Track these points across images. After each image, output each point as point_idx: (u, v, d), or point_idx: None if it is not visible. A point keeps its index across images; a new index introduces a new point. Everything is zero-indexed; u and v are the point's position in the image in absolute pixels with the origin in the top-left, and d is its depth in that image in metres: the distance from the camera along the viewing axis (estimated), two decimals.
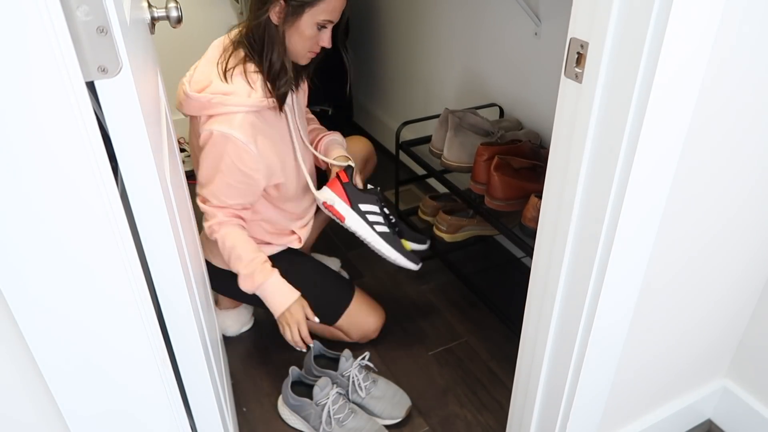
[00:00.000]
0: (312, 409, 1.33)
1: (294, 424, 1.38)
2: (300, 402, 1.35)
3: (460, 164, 1.52)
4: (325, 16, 1.23)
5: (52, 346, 0.56)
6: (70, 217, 0.51)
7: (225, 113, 1.22)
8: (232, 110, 1.21)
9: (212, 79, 1.24)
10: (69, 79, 0.46)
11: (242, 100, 1.22)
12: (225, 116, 1.21)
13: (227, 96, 1.21)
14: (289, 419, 1.38)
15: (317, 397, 1.32)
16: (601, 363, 0.98)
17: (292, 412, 1.38)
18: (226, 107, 1.21)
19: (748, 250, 1.07)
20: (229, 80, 1.24)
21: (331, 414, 1.31)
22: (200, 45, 2.49)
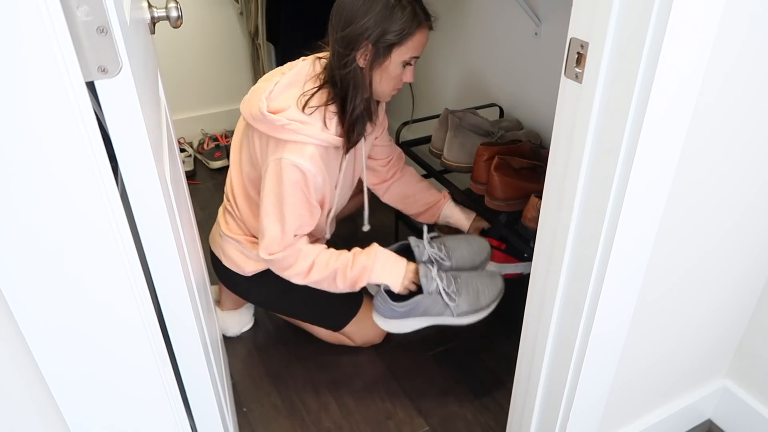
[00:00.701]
0: (428, 301, 1.31)
1: (411, 328, 1.36)
2: (411, 303, 1.32)
3: (460, 164, 1.53)
4: (412, 53, 1.23)
5: (52, 347, 0.56)
6: (70, 217, 0.51)
7: (297, 142, 1.20)
8: (305, 141, 1.20)
9: (291, 104, 1.22)
10: (69, 79, 0.46)
11: (316, 133, 1.21)
12: (297, 145, 1.20)
13: (303, 125, 1.20)
14: (402, 327, 1.36)
15: (427, 285, 1.30)
16: (601, 363, 0.98)
17: (403, 318, 1.34)
18: (299, 136, 1.20)
19: (750, 251, 1.07)
20: (307, 113, 1.23)
21: (447, 290, 1.31)
22: (200, 45, 2.50)
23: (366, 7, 1.16)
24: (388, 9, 1.16)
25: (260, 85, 1.30)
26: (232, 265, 1.43)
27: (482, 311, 1.38)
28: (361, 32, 1.17)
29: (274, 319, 1.70)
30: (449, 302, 1.32)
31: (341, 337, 1.54)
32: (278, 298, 1.48)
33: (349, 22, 1.18)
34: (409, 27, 1.19)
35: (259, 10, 2.32)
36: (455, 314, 1.34)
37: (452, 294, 1.33)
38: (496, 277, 1.41)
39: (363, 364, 1.55)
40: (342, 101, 1.24)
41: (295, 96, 1.24)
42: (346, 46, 1.19)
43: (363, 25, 1.16)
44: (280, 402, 1.45)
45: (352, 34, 1.17)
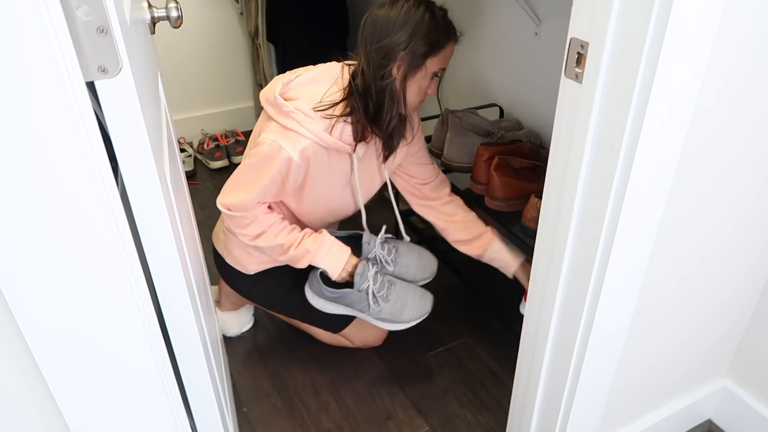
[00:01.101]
0: (354, 296, 1.35)
1: (333, 312, 1.40)
2: (339, 293, 1.35)
3: (461, 164, 1.52)
4: (441, 65, 1.27)
5: (52, 347, 0.56)
6: (70, 217, 0.51)
7: (296, 132, 1.21)
8: (304, 134, 1.21)
9: (304, 97, 1.24)
10: (69, 79, 0.46)
11: (316, 131, 1.22)
12: (295, 135, 1.21)
13: (307, 119, 1.21)
14: (325, 308, 1.40)
15: (359, 283, 1.33)
16: (601, 363, 0.98)
17: (329, 301, 1.38)
18: (300, 128, 1.21)
19: (751, 251, 1.07)
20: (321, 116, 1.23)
21: (376, 294, 1.34)
22: (200, 45, 2.50)
23: (403, 19, 1.19)
24: (424, 21, 1.20)
25: (283, 75, 1.31)
26: (236, 263, 1.43)
27: (400, 324, 1.41)
28: (399, 43, 1.19)
29: (274, 319, 1.70)
30: (373, 304, 1.36)
31: (340, 338, 1.54)
32: (279, 298, 1.48)
33: (387, 33, 1.20)
34: (442, 38, 1.23)
35: (259, 10, 2.32)
36: (374, 317, 1.39)
37: (379, 299, 1.36)
38: (427, 298, 1.43)
39: (363, 365, 1.55)
40: (376, 113, 1.26)
41: (312, 92, 1.25)
42: (384, 57, 1.20)
43: (400, 36, 1.19)
44: (280, 402, 1.45)
45: (390, 44, 1.19)
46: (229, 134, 2.54)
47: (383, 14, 1.20)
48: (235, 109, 2.70)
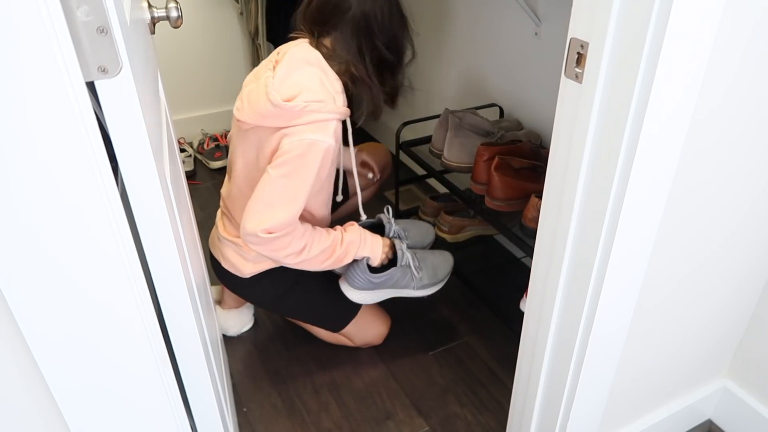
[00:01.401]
0: (399, 273, 1.42)
1: (375, 300, 1.45)
2: (386, 275, 1.40)
3: (461, 164, 1.52)
4: None
5: (52, 347, 0.56)
6: (70, 217, 0.51)
7: (319, 121, 1.19)
8: (327, 117, 1.20)
9: (301, 89, 1.21)
10: (69, 79, 0.46)
11: (333, 107, 1.21)
12: (319, 124, 1.19)
13: (321, 104, 1.19)
14: (369, 298, 1.44)
15: (401, 259, 1.41)
16: (601, 363, 0.98)
17: (374, 289, 1.42)
18: (321, 114, 1.19)
19: (751, 251, 1.07)
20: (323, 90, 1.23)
21: (414, 264, 1.43)
22: (200, 45, 2.50)
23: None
24: None
25: (253, 86, 1.27)
26: (231, 268, 1.43)
27: (439, 284, 1.51)
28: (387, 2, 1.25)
29: (274, 319, 1.70)
30: (416, 274, 1.43)
31: (341, 337, 1.54)
32: (279, 299, 1.48)
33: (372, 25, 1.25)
34: None
35: (259, 10, 2.32)
36: (417, 287, 1.47)
37: (416, 268, 1.43)
38: (446, 254, 1.54)
39: (363, 364, 1.55)
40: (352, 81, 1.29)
41: (298, 82, 1.21)
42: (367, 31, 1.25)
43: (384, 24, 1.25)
44: (280, 402, 1.45)
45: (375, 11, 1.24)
46: None
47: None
48: None
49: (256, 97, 1.22)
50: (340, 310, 1.50)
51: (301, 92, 1.20)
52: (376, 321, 1.54)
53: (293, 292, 1.45)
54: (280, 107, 1.18)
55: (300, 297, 1.46)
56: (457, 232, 1.68)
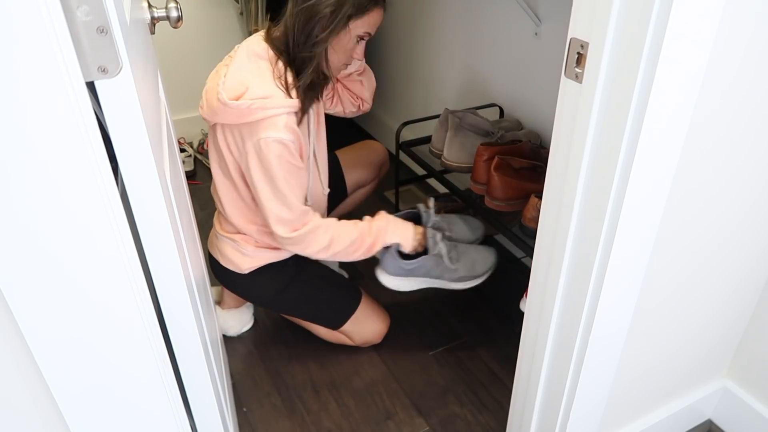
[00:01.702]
0: (431, 262, 1.41)
1: (410, 288, 1.46)
2: (417, 262, 1.41)
3: (460, 164, 1.52)
4: (365, 29, 1.27)
5: (52, 347, 0.56)
6: (70, 217, 0.51)
7: (267, 117, 1.20)
8: (274, 113, 1.20)
9: (248, 85, 1.21)
10: (69, 79, 0.46)
11: (281, 102, 1.21)
12: (269, 120, 1.20)
13: (267, 99, 1.20)
14: (403, 285, 1.45)
15: (432, 248, 1.41)
16: (601, 363, 0.98)
17: (406, 276, 1.43)
18: (268, 111, 1.20)
19: (751, 251, 1.07)
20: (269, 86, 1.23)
21: (448, 255, 1.43)
22: (200, 45, 2.50)
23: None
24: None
25: (210, 85, 1.30)
26: (230, 264, 1.43)
27: (477, 278, 1.50)
28: (322, 3, 1.19)
29: (274, 318, 1.70)
30: (450, 266, 1.42)
31: (341, 336, 1.54)
32: (277, 295, 1.48)
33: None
34: (368, 4, 1.23)
35: (259, 10, 2.32)
36: (452, 279, 1.46)
37: (452, 259, 1.43)
38: (489, 250, 1.53)
39: (363, 364, 1.55)
40: (298, 70, 1.26)
41: (245, 77, 1.22)
42: (309, 17, 1.21)
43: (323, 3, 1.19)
44: (280, 402, 1.45)
45: (315, 4, 1.20)
46: None
47: None
48: None
49: (212, 95, 1.25)
50: (339, 306, 1.51)
51: (247, 89, 1.21)
52: (375, 319, 1.54)
53: (292, 288, 1.45)
54: (228, 105, 1.19)
55: (299, 293, 1.46)
56: None
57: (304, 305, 1.50)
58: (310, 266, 1.51)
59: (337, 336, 1.55)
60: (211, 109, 1.24)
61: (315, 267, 1.53)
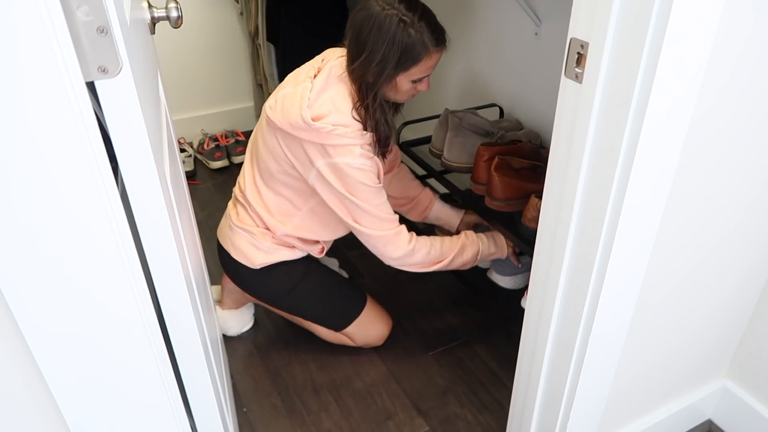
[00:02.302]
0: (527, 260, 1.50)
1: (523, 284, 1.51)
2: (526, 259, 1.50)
3: (461, 164, 1.52)
4: (420, 75, 1.24)
5: (52, 347, 0.56)
6: (70, 217, 0.51)
7: (344, 145, 1.22)
8: (352, 143, 1.22)
9: (330, 109, 1.22)
10: (69, 79, 0.46)
11: (358, 134, 1.23)
12: (345, 148, 1.22)
13: (347, 129, 1.21)
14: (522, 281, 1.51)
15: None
16: (601, 363, 0.98)
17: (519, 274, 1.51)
18: (345, 139, 1.21)
19: (751, 251, 1.07)
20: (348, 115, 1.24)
21: None
22: (200, 45, 2.50)
23: (372, 33, 1.17)
24: (396, 36, 1.16)
25: (290, 91, 1.27)
26: (242, 258, 1.43)
27: None
28: (368, 57, 1.19)
29: (274, 319, 1.70)
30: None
31: (342, 337, 1.54)
32: (284, 295, 1.47)
33: (356, 45, 1.21)
34: (417, 54, 1.19)
35: (260, 10, 2.32)
36: None
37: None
38: None
39: (363, 364, 1.55)
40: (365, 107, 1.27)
41: (332, 100, 1.23)
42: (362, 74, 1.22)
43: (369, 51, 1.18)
44: (280, 402, 1.45)
45: (361, 58, 1.20)
46: (229, 134, 2.54)
47: (359, 21, 1.20)
48: (235, 109, 2.70)
49: (290, 105, 1.23)
50: (345, 308, 1.51)
51: (330, 112, 1.21)
52: (379, 321, 1.54)
53: (299, 288, 1.45)
54: (311, 126, 1.19)
55: (306, 293, 1.46)
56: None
57: (310, 306, 1.50)
58: (319, 267, 1.51)
59: (338, 337, 1.55)
60: (287, 119, 1.23)
61: (323, 268, 1.53)
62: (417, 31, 1.17)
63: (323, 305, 1.50)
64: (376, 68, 1.20)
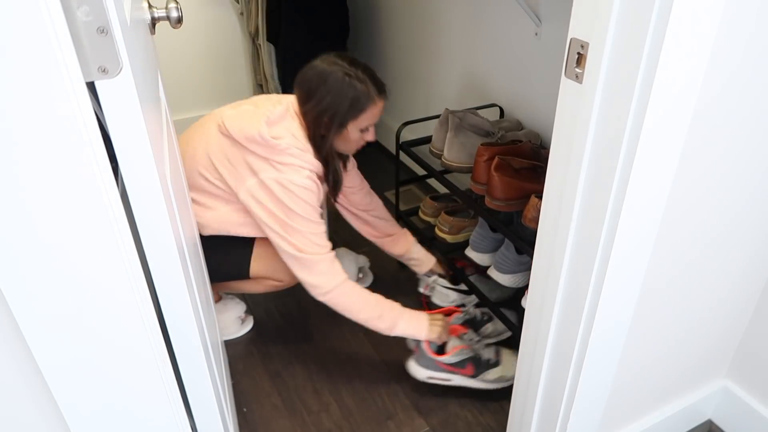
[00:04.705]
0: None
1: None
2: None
3: (461, 164, 1.52)
4: (367, 123, 1.34)
5: (52, 347, 0.56)
6: (70, 217, 0.51)
7: (294, 165, 1.28)
8: (303, 165, 1.29)
9: (287, 134, 1.29)
10: (69, 79, 0.46)
11: (312, 160, 1.31)
12: (294, 168, 1.28)
13: (302, 152, 1.29)
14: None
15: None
16: (601, 363, 0.98)
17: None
18: (298, 161, 1.28)
19: (749, 251, 1.07)
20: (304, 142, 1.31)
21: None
22: (200, 45, 2.50)
23: (322, 87, 1.28)
24: (343, 88, 1.28)
25: (250, 109, 1.34)
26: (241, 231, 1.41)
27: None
28: (321, 109, 1.29)
29: (274, 319, 1.70)
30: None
31: (267, 282, 1.49)
32: None
33: (308, 98, 1.30)
34: (364, 103, 1.30)
35: (260, 10, 2.32)
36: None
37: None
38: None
39: (363, 365, 1.55)
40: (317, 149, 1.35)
41: (289, 129, 1.30)
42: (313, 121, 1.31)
43: (320, 104, 1.29)
44: (280, 402, 1.45)
45: (313, 110, 1.30)
46: None
47: (308, 76, 1.30)
48: None
49: (250, 120, 1.29)
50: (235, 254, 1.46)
51: (286, 137, 1.29)
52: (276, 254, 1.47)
53: None
54: (267, 141, 1.26)
55: None
56: (457, 232, 1.68)
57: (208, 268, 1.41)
58: None
59: (262, 283, 1.50)
60: (245, 133, 1.28)
61: None
62: (361, 82, 1.29)
63: (216, 261, 1.41)
64: (328, 120, 1.30)
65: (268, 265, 1.46)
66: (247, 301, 1.74)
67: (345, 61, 1.30)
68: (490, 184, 1.38)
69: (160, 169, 0.65)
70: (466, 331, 1.53)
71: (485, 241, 1.54)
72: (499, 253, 1.47)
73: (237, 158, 1.30)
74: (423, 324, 1.41)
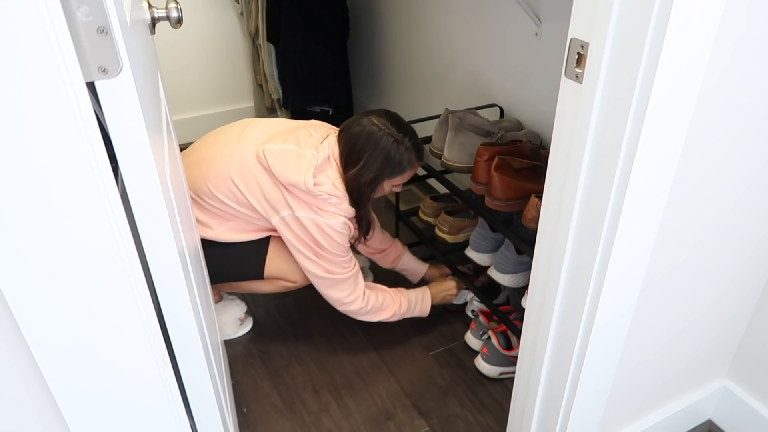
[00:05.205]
0: None
1: None
2: None
3: (461, 164, 1.52)
4: (401, 182, 1.44)
5: (53, 347, 0.56)
6: (70, 217, 0.51)
7: (332, 212, 1.35)
8: (339, 213, 1.35)
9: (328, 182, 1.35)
10: (69, 79, 0.46)
11: (348, 209, 1.38)
12: (331, 214, 1.35)
13: (340, 201, 1.36)
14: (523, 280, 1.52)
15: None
16: (601, 363, 0.98)
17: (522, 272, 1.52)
18: (335, 209, 1.35)
19: (748, 250, 1.07)
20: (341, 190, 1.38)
21: None
22: (200, 45, 2.50)
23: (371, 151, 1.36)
24: (390, 155, 1.36)
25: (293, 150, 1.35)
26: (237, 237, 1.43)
27: None
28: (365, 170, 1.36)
29: (274, 319, 1.70)
30: None
31: (280, 282, 1.50)
32: None
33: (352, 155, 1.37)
34: (404, 168, 1.40)
35: (260, 10, 2.32)
36: None
37: None
38: None
39: (363, 365, 1.55)
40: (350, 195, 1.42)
41: (330, 177, 1.36)
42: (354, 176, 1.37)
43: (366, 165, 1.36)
44: (280, 402, 1.45)
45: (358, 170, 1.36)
46: None
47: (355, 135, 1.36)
48: (235, 109, 2.70)
49: (295, 166, 1.32)
50: (250, 253, 1.47)
51: (328, 184, 1.35)
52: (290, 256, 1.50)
53: (205, 254, 1.42)
54: (310, 190, 1.31)
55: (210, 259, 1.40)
56: (457, 232, 1.68)
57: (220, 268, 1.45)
58: None
59: (276, 284, 1.51)
60: (286, 177, 1.32)
61: None
62: (406, 149, 1.38)
63: (230, 261, 1.45)
64: (370, 180, 1.38)
65: (283, 265, 1.49)
66: (247, 301, 1.74)
67: (394, 125, 1.37)
68: (490, 184, 1.38)
69: (160, 169, 0.65)
70: None
71: (485, 241, 1.54)
72: (499, 253, 1.47)
73: (273, 192, 1.35)
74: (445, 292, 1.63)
